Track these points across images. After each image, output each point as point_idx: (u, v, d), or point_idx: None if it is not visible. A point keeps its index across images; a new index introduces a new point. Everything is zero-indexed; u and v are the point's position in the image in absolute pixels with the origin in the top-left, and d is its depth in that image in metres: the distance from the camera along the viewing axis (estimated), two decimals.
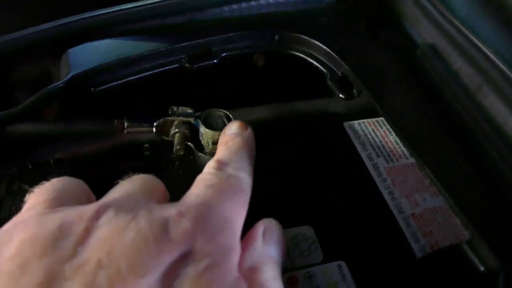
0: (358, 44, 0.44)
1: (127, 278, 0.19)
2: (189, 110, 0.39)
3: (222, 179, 0.26)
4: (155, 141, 0.40)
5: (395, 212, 0.38)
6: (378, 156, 0.43)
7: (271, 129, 0.46)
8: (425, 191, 0.40)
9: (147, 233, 0.21)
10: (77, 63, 0.39)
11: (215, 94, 0.48)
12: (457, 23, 0.40)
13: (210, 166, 0.27)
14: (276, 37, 0.44)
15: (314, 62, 0.43)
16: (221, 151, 0.30)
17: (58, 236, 0.20)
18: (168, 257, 0.20)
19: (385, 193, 0.39)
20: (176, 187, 0.30)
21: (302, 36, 0.43)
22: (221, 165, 0.27)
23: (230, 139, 0.31)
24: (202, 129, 0.38)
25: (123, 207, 0.22)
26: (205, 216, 0.23)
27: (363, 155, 0.43)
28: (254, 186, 0.38)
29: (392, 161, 0.43)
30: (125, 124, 0.38)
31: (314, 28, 0.44)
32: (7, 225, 0.22)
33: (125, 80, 0.39)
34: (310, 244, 0.35)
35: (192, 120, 0.39)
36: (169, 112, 0.39)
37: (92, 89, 0.38)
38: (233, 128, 0.33)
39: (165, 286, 0.20)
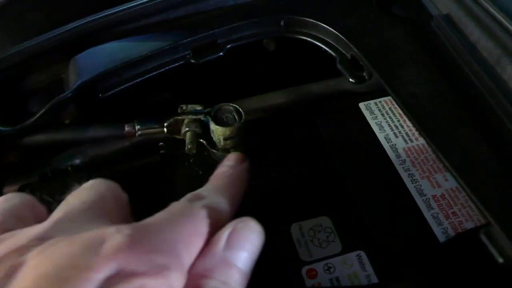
0: (368, 21, 0.42)
1: None
2: (199, 107, 0.39)
3: (184, 208, 0.25)
4: (170, 138, 0.41)
5: (415, 195, 0.37)
6: (396, 136, 0.42)
7: (283, 115, 0.45)
8: (446, 170, 0.38)
9: (76, 254, 0.20)
10: (85, 69, 0.40)
11: (225, 86, 0.47)
12: None
13: (185, 197, 0.26)
14: (282, 22, 0.43)
15: (323, 46, 0.41)
16: (205, 186, 0.29)
17: None
18: (97, 275, 0.19)
19: (404, 176, 0.38)
20: (193, 183, 0.31)
21: (308, 19, 0.42)
22: (195, 199, 0.26)
23: (220, 177, 0.30)
24: (212, 126, 0.38)
25: (63, 230, 0.22)
26: (143, 233, 0.22)
27: (381, 137, 0.42)
28: (267, 176, 0.38)
29: (412, 141, 0.41)
30: (137, 127, 0.38)
31: (321, 9, 0.42)
32: None
33: (132, 82, 0.39)
34: (328, 235, 0.35)
35: (202, 117, 0.38)
36: (179, 111, 0.38)
37: (100, 95, 0.39)
38: (230, 160, 0.32)
39: None
